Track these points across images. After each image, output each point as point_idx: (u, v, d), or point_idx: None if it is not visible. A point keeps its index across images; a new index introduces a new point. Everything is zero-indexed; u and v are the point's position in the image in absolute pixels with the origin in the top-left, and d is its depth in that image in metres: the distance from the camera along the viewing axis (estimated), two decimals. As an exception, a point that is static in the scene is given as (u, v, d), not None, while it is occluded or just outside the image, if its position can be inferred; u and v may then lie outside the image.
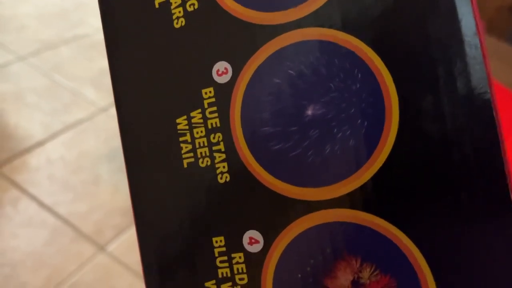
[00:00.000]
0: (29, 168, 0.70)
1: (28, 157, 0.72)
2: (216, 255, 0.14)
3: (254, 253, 0.14)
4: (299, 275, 0.13)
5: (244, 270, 0.14)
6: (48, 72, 0.85)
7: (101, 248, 0.64)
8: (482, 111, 0.12)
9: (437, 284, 0.12)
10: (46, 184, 0.69)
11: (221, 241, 0.14)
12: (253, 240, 0.14)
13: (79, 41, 0.92)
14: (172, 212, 0.15)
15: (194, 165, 0.14)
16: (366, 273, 0.12)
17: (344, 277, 0.13)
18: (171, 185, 0.15)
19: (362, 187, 0.13)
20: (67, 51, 0.90)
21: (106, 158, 0.73)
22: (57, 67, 0.86)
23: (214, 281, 0.14)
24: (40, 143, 0.74)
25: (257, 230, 0.14)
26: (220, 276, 0.14)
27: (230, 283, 0.14)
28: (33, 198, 0.67)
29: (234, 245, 0.14)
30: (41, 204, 0.67)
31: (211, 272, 0.14)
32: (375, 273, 0.12)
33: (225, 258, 0.14)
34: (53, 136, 0.75)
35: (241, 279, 0.14)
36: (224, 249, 0.14)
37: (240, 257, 0.14)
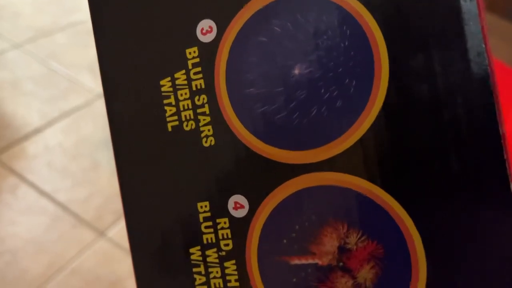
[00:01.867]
0: (27, 155, 0.70)
1: (26, 144, 0.71)
2: (201, 220, 0.14)
3: (239, 218, 0.13)
4: (285, 241, 0.13)
5: (229, 236, 0.13)
6: (44, 59, 0.84)
7: (101, 233, 0.64)
8: (476, 68, 0.11)
9: (426, 250, 0.11)
10: (45, 171, 0.69)
11: (206, 206, 0.14)
12: (238, 205, 0.13)
13: (75, 28, 0.91)
14: (156, 177, 0.14)
15: (178, 128, 0.14)
16: (353, 239, 0.12)
17: (330, 243, 0.12)
18: (155, 150, 0.14)
19: (350, 149, 0.12)
20: (63, 38, 0.89)
21: (104, 144, 0.73)
22: (53, 54, 0.85)
23: (199, 247, 0.14)
24: (38, 130, 0.73)
25: (242, 194, 0.13)
26: (205, 242, 0.14)
27: (215, 249, 0.14)
28: (32, 185, 0.67)
29: (219, 210, 0.14)
30: (40, 191, 0.67)
31: (196, 238, 0.14)
32: (362, 239, 0.12)
33: (210, 223, 0.14)
34: (51, 123, 0.75)
35: (226, 245, 0.14)
36: (209, 214, 0.14)
37: (225, 223, 0.14)
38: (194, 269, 0.14)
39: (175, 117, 0.14)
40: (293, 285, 0.13)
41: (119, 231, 0.64)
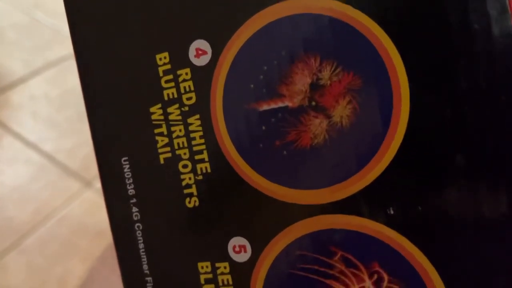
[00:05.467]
0: (12, 105, 0.68)
1: (10, 94, 0.69)
2: (161, 74, 0.12)
3: (202, 67, 0.12)
4: (252, 86, 0.11)
5: (192, 88, 0.12)
6: (28, 8, 0.81)
7: (88, 183, 0.63)
8: None
9: (409, 75, 0.10)
10: (30, 122, 0.67)
11: (165, 57, 0.12)
12: (200, 51, 0.12)
13: (60, -24, 0.87)
14: (110, 33, 0.13)
15: None
16: (326, 73, 0.11)
17: (301, 81, 0.11)
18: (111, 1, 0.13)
19: None
20: (47, -13, 0.85)
21: (90, 95, 0.71)
22: (37, 3, 0.82)
23: (159, 105, 0.13)
24: (22, 80, 0.71)
25: (204, 39, 0.12)
26: (165, 98, 0.12)
27: (177, 105, 0.12)
28: (17, 135, 0.65)
29: (180, 60, 0.12)
30: (26, 141, 0.65)
31: (156, 95, 0.12)
32: (336, 71, 0.11)
33: (171, 77, 0.12)
34: (36, 73, 0.73)
35: (188, 99, 0.12)
36: (169, 66, 0.12)
37: (186, 74, 0.12)
38: (156, 130, 0.13)
39: None
40: (263, 134, 0.11)
41: (107, 181, 0.63)
